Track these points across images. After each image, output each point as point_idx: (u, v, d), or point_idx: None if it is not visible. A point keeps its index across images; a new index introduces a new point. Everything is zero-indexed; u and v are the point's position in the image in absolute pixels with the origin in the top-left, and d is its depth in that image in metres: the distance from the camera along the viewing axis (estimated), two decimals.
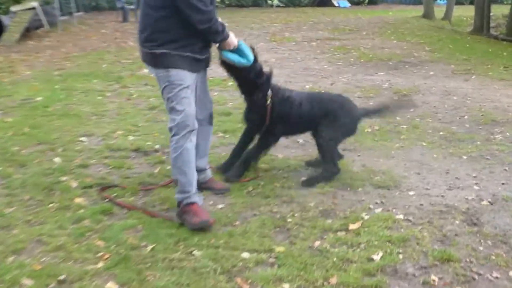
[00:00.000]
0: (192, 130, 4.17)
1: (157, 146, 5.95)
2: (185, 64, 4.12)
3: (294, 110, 4.93)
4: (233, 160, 5.13)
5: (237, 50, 4.39)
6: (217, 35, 4.18)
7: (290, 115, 4.92)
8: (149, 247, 3.74)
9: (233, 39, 4.31)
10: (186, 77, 4.13)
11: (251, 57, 4.46)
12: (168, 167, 5.28)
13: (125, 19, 22.18)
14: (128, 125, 6.80)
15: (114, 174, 5.18)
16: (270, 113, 4.81)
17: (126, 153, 5.76)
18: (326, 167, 4.99)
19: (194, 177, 4.23)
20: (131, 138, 6.27)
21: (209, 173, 4.84)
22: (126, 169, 5.31)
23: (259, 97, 4.79)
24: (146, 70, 10.49)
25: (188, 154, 4.18)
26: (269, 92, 4.80)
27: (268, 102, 4.79)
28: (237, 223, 4.16)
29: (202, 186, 4.67)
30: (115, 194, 4.65)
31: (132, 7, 23.15)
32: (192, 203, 4.15)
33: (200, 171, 4.60)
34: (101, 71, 10.80)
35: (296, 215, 4.29)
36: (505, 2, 33.76)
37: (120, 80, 9.77)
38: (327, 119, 4.96)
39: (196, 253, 3.68)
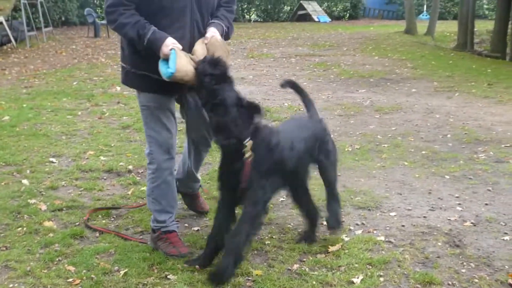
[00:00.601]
0: (170, 159, 3.93)
1: (130, 167, 5.80)
2: (147, 85, 3.78)
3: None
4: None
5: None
6: (131, 39, 3.59)
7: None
8: (122, 272, 3.61)
9: (163, 48, 3.51)
10: (155, 99, 3.82)
11: (171, 68, 3.44)
12: (142, 188, 5.17)
13: (96, 35, 22.00)
14: (100, 145, 6.64)
15: (85, 196, 5.03)
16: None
17: (97, 174, 5.61)
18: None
19: (172, 206, 4.03)
20: (103, 158, 6.12)
21: (197, 187, 4.62)
22: (97, 191, 5.17)
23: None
24: (118, 88, 10.42)
25: (168, 187, 3.98)
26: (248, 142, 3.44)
27: (247, 156, 3.45)
28: None
29: (186, 202, 4.61)
30: (86, 218, 4.51)
31: (103, 22, 22.96)
32: (170, 232, 3.98)
33: (189, 181, 4.47)
34: (72, 89, 10.59)
35: (274, 237, 4.20)
36: (489, 18, 34.17)
37: (92, 98, 9.58)
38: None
39: (171, 277, 3.56)
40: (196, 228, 4.37)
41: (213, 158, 6.02)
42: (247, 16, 35.70)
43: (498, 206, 4.86)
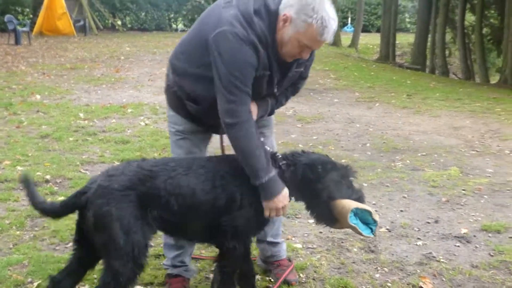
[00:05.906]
0: None
1: (48, 177, 5.64)
2: (181, 109, 3.30)
3: None
4: None
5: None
6: (246, 158, 2.97)
7: None
8: (35, 284, 3.52)
9: (277, 202, 2.96)
10: (181, 122, 3.36)
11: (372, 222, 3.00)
12: (60, 198, 5.04)
13: (17, 42, 21.34)
14: (17, 155, 6.43)
15: None
16: None
17: (13, 184, 5.42)
18: None
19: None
20: (19, 168, 5.93)
21: (278, 251, 3.76)
22: (13, 201, 5.00)
23: None
24: (38, 96, 10.13)
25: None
26: None
27: None
28: None
29: (269, 267, 3.79)
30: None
31: (25, 29, 22.33)
32: (173, 276, 3.52)
33: (260, 242, 3.73)
34: None
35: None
36: (411, 31, 35.28)
37: (10, 107, 9.26)
38: None
39: None
40: None
41: None
42: (174, 25, 35.62)
43: (413, 212, 5.02)
